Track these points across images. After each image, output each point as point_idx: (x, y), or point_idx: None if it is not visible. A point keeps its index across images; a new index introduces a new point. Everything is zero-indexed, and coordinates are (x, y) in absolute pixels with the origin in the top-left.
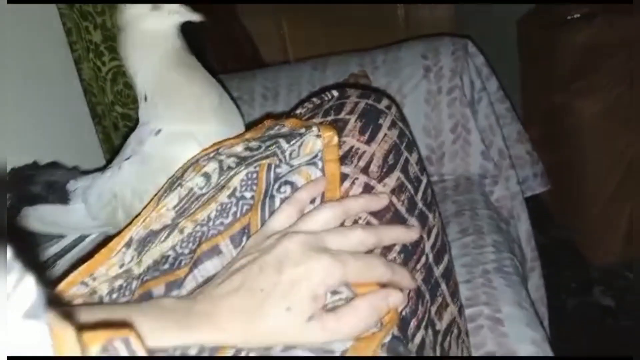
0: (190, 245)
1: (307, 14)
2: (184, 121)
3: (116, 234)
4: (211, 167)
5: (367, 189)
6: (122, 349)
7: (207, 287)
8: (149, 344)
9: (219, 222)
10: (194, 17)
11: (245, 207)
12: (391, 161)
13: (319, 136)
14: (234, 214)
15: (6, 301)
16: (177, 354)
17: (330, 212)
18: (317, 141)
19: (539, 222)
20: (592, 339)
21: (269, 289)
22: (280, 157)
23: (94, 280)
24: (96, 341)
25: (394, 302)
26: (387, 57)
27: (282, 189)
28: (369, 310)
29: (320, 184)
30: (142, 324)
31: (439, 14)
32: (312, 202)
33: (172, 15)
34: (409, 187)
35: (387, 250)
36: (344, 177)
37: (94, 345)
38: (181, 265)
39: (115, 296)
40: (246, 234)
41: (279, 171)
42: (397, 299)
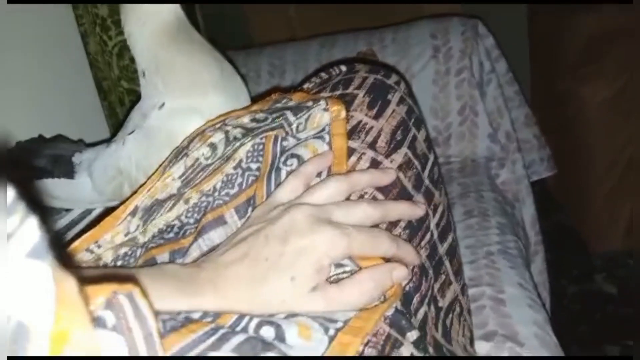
0: (195, 215)
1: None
2: (184, 96)
3: (121, 203)
4: (217, 137)
5: (374, 164)
6: (125, 303)
7: (212, 255)
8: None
9: (224, 192)
10: None
11: (251, 178)
12: (399, 137)
13: (326, 110)
14: (240, 184)
15: (6, 241)
16: (181, 318)
17: (336, 186)
18: (324, 115)
19: (543, 207)
20: (593, 326)
21: (273, 259)
22: (287, 129)
23: (99, 247)
24: (100, 293)
25: (398, 276)
26: (396, 36)
27: (288, 162)
28: (373, 283)
29: (327, 158)
30: (147, 287)
31: None
32: (319, 175)
33: None
34: (416, 163)
35: (392, 225)
36: (351, 151)
37: (97, 297)
38: (186, 234)
39: (119, 263)
40: (251, 205)
41: (285, 144)
42: (401, 273)
